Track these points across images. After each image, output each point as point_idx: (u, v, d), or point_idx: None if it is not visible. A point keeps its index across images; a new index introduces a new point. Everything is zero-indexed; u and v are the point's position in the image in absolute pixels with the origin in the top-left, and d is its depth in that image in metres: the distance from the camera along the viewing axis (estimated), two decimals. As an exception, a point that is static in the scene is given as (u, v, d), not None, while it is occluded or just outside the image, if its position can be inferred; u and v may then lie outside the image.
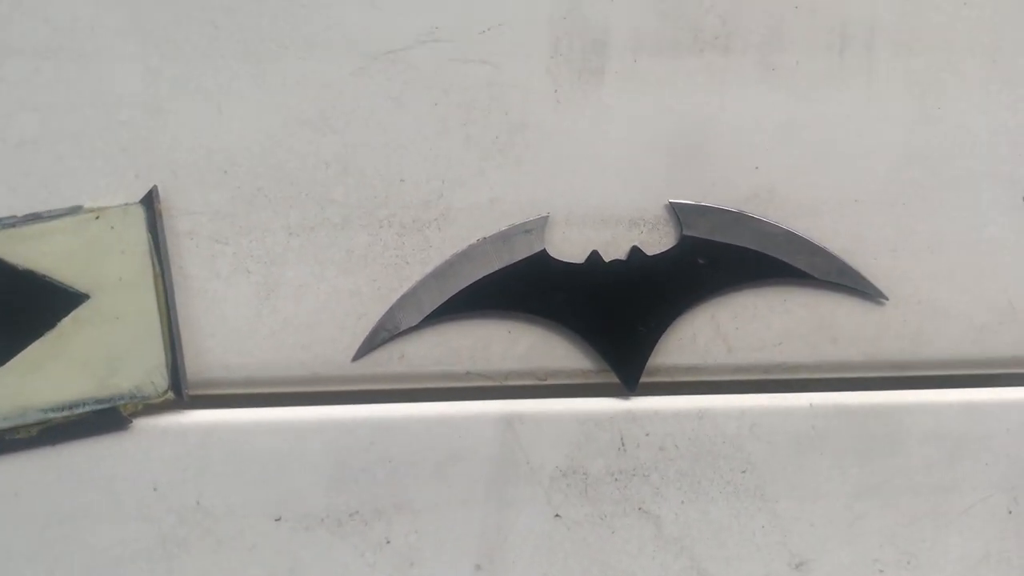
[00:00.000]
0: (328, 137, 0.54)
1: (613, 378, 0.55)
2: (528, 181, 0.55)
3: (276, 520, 0.54)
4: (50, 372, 0.51)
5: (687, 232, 0.54)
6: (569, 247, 0.55)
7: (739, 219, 0.55)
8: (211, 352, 0.54)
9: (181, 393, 0.53)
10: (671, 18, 0.54)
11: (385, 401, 0.55)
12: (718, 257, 0.54)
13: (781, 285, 0.55)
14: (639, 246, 0.54)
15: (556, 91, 0.55)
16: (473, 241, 0.54)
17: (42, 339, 0.51)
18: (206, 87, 0.54)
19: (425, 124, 0.54)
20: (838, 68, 0.55)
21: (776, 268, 0.55)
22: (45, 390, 0.51)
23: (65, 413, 0.52)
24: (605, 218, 0.55)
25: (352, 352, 0.54)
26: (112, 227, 0.52)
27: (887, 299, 0.56)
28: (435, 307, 0.54)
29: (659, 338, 0.55)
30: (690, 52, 0.54)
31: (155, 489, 0.53)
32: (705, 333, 0.55)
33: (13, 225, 0.52)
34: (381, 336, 0.54)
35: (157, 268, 0.52)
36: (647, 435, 0.55)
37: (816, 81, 0.55)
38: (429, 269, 0.54)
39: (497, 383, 0.55)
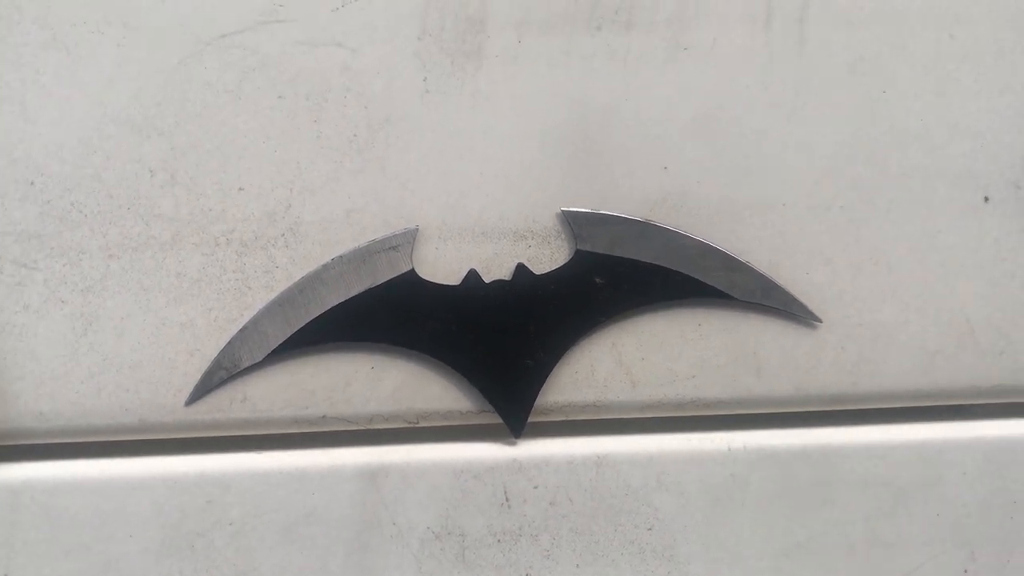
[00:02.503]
0: (152, 140, 0.46)
1: (496, 419, 0.48)
2: (392, 188, 0.47)
3: (96, 595, 0.47)
4: None
5: (582, 246, 0.47)
6: (443, 266, 0.48)
7: (644, 230, 0.47)
8: (20, 397, 0.47)
9: (-18, 447, 0.45)
10: (563, -12, 0.46)
11: (225, 451, 0.48)
12: (620, 275, 0.47)
13: (695, 307, 0.48)
14: (525, 264, 0.47)
15: (425, 79, 0.47)
16: (327, 260, 0.47)
17: None
18: (6, 82, 0.46)
19: (268, 121, 0.47)
20: (763, 46, 0.47)
21: (689, 287, 0.48)
22: None
23: None
24: (485, 231, 0.48)
25: (185, 395, 0.47)
26: None
27: (820, 322, 0.49)
28: (283, 340, 0.47)
29: (550, 372, 0.48)
30: (585, 29, 0.47)
31: (-44, 560, 0.46)
32: (605, 365, 0.48)
33: None
34: (219, 376, 0.47)
35: (-51, 300, 0.45)
36: (535, 488, 0.48)
37: (736, 62, 0.47)
38: (275, 295, 0.47)
39: (359, 428, 0.48)
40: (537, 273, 0.47)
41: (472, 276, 0.47)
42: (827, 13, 0.47)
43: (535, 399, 0.47)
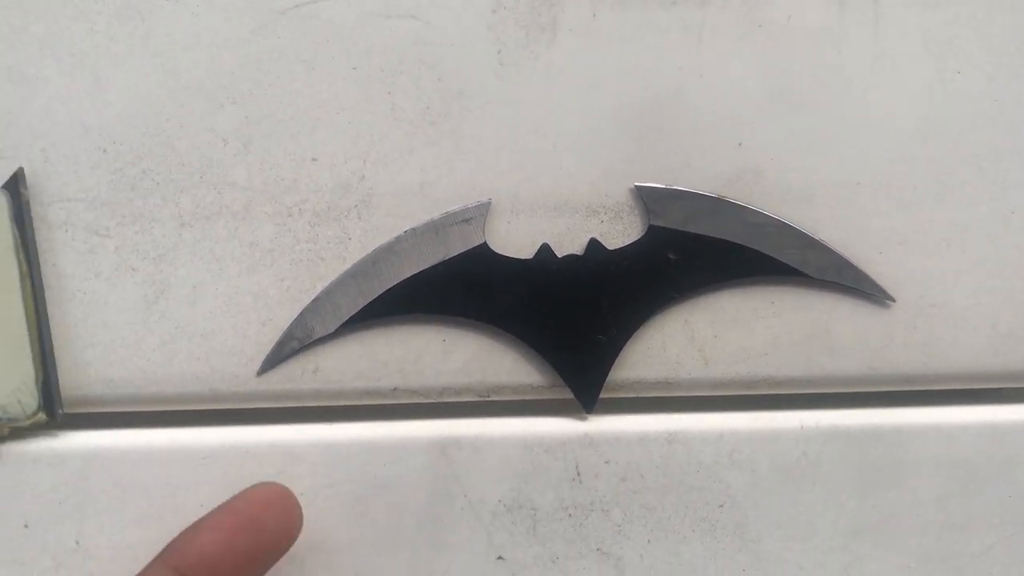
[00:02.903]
0: (226, 109, 0.46)
1: (568, 395, 0.47)
2: (466, 161, 0.46)
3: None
4: None
5: (655, 222, 0.46)
6: (515, 239, 0.47)
7: (718, 206, 0.47)
8: (91, 365, 0.46)
9: (55, 413, 0.45)
10: (638, -37, 0.46)
11: (296, 422, 0.47)
12: (692, 251, 0.47)
13: (768, 284, 0.47)
14: (598, 238, 0.47)
15: (499, 52, 0.46)
16: (400, 233, 0.46)
17: None
18: (79, 49, 0.46)
19: (342, 92, 0.46)
20: (838, 23, 0.47)
21: (762, 264, 0.47)
22: None
23: (-89, 441, 0.44)
24: (558, 205, 0.47)
25: (257, 364, 0.46)
26: (-34, 218, 0.44)
27: (894, 301, 0.48)
28: (355, 311, 0.46)
29: (622, 348, 0.47)
30: (660, 4, 0.46)
31: (26, 527, 0.46)
32: (677, 342, 0.48)
33: None
34: (291, 346, 0.46)
35: (24, 266, 0.45)
36: (607, 463, 0.47)
37: (811, 39, 0.47)
38: (348, 266, 0.46)
39: (430, 401, 0.47)
40: (610, 248, 0.46)
41: (545, 250, 0.46)
42: (902, -9, 0.47)
43: (607, 375, 0.46)
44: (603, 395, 0.47)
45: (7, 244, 0.44)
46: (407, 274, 0.46)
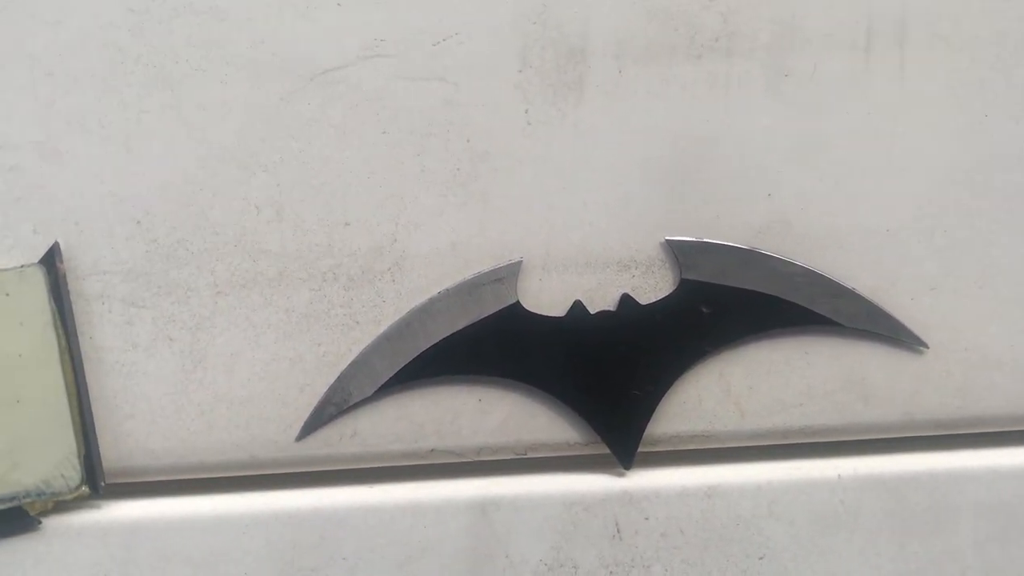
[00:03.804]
0: (258, 176, 0.46)
1: (605, 451, 0.48)
2: (496, 220, 0.47)
3: (212, 633, 0.47)
4: (-63, 468, 0.44)
5: (687, 275, 0.47)
6: (547, 297, 0.47)
7: (749, 257, 0.47)
8: (131, 436, 0.47)
9: (97, 487, 0.46)
10: (662, 18, 0.46)
11: (336, 485, 0.48)
12: (725, 303, 0.47)
13: (801, 335, 0.48)
14: (630, 294, 0.47)
15: (527, 111, 0.47)
16: (434, 294, 0.47)
17: (-74, 429, 0.44)
18: (111, 121, 0.46)
19: (372, 156, 0.46)
20: (863, 71, 0.47)
21: (795, 315, 0.47)
22: (-67, 488, 0.44)
23: (-42, 515, 0.45)
24: (589, 261, 0.47)
25: (296, 430, 0.47)
26: (7, 294, 0.45)
27: (927, 347, 0.48)
28: (391, 374, 0.47)
29: (658, 402, 0.48)
30: (686, 58, 0.47)
31: (72, 599, 0.47)
32: (713, 395, 0.48)
33: None
34: (329, 411, 0.47)
35: (63, 340, 0.46)
36: (647, 519, 0.48)
37: (838, 87, 0.47)
38: (383, 329, 0.47)
39: (468, 460, 0.48)
40: (642, 303, 0.47)
41: (577, 307, 0.47)
42: (928, 35, 0.47)
43: (644, 430, 0.47)
44: (641, 449, 0.47)
45: (46, 319, 0.45)
46: (442, 335, 0.47)
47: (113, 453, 0.46)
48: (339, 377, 0.47)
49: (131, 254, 0.46)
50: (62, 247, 0.46)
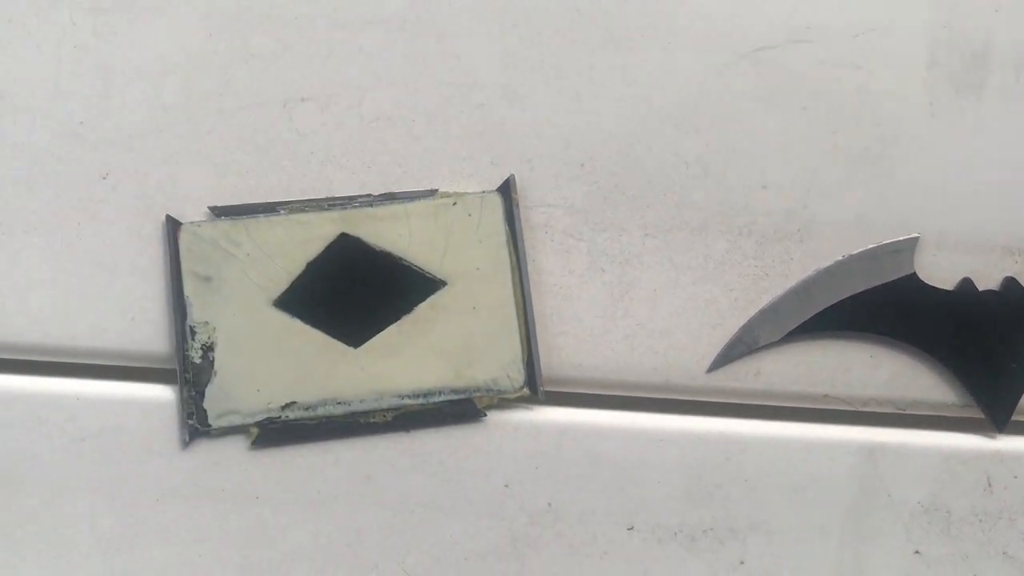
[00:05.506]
0: (690, 136, 0.51)
1: (979, 414, 0.51)
2: (898, 198, 0.52)
3: (628, 529, 0.50)
4: (406, 358, 0.49)
5: (1069, 265, 0.51)
6: (938, 272, 0.52)
7: (1126, 254, 0.51)
8: (564, 350, 0.51)
9: (536, 390, 0.50)
10: (1058, 34, 0.51)
11: (739, 416, 0.52)
12: None
13: None
14: (1015, 277, 0.51)
15: (932, 104, 0.52)
16: (838, 258, 0.51)
17: (399, 323, 0.49)
18: (566, 74, 0.52)
19: (792, 129, 0.52)
20: None
21: None
22: (401, 375, 0.49)
23: (420, 400, 0.49)
24: (978, 243, 0.52)
25: (707, 362, 0.51)
26: (470, 214, 0.50)
27: None
28: (797, 324, 0.51)
29: (1033, 377, 0.52)
30: None
31: (507, 487, 0.51)
32: (1082, 373, 0.52)
33: (370, 204, 0.50)
34: (738, 349, 0.51)
35: (514, 260, 0.50)
36: (1015, 477, 0.51)
37: None
38: (790, 283, 0.51)
39: (855, 409, 0.52)
40: (1024, 287, 0.51)
41: (966, 284, 0.51)
42: None
43: (1019, 399, 0.51)
44: (1014, 418, 0.51)
45: (500, 240, 0.50)
46: (843, 295, 0.51)
47: (547, 363, 0.50)
48: (749, 321, 0.51)
49: (573, 192, 0.51)
50: (516, 180, 0.50)
